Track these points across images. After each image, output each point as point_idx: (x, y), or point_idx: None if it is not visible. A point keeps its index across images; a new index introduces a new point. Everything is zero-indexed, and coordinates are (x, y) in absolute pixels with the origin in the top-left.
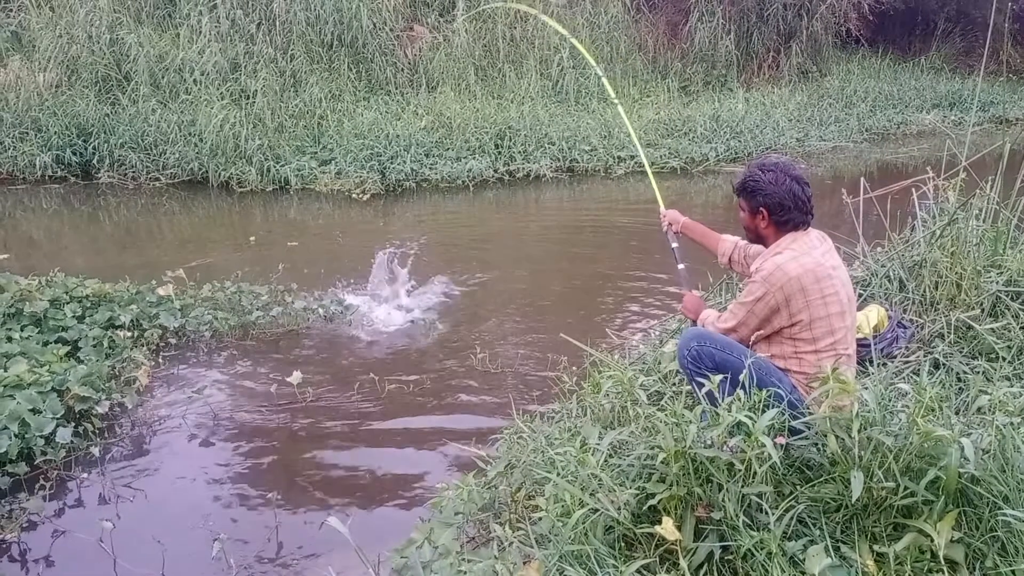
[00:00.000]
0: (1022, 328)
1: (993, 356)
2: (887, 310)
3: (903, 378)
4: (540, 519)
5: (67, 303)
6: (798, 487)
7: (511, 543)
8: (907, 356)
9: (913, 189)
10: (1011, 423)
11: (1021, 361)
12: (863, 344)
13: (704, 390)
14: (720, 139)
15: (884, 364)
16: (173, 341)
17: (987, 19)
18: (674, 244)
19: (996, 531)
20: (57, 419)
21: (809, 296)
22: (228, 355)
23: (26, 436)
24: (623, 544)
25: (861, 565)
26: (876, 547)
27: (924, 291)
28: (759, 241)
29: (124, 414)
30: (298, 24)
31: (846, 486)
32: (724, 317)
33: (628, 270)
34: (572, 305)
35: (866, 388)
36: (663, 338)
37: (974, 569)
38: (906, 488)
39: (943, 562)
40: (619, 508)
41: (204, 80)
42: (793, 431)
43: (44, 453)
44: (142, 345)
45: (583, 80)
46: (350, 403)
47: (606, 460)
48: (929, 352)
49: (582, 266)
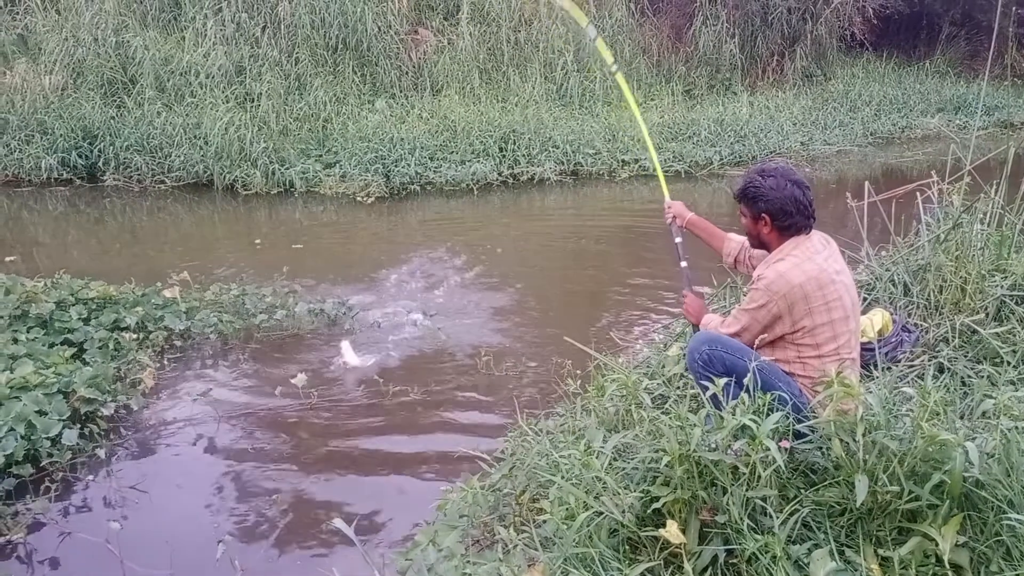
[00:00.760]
0: None
1: (998, 360)
2: (891, 314)
3: (907, 382)
4: (544, 522)
5: (73, 305)
6: (803, 491)
7: (516, 546)
8: (911, 360)
9: (917, 193)
10: (1016, 427)
11: None
12: (867, 348)
13: (708, 393)
14: (724, 143)
15: (888, 368)
16: (178, 343)
17: (992, 23)
18: (677, 239)
19: (1001, 535)
20: (63, 421)
21: (812, 303)
22: (233, 357)
23: (32, 438)
24: (627, 547)
25: (866, 569)
26: (881, 551)
27: (928, 295)
28: (761, 247)
29: (129, 416)
30: (303, 27)
31: (851, 490)
32: (727, 323)
33: (632, 273)
34: (576, 308)
35: (870, 392)
36: (667, 341)
37: (979, 573)
38: (911, 492)
39: (948, 566)
40: (623, 511)
41: (209, 83)
42: (798, 435)
43: (50, 455)
44: (147, 347)
45: (587, 83)
46: (354, 406)
47: (610, 463)
48: (934, 356)
49: (586, 269)
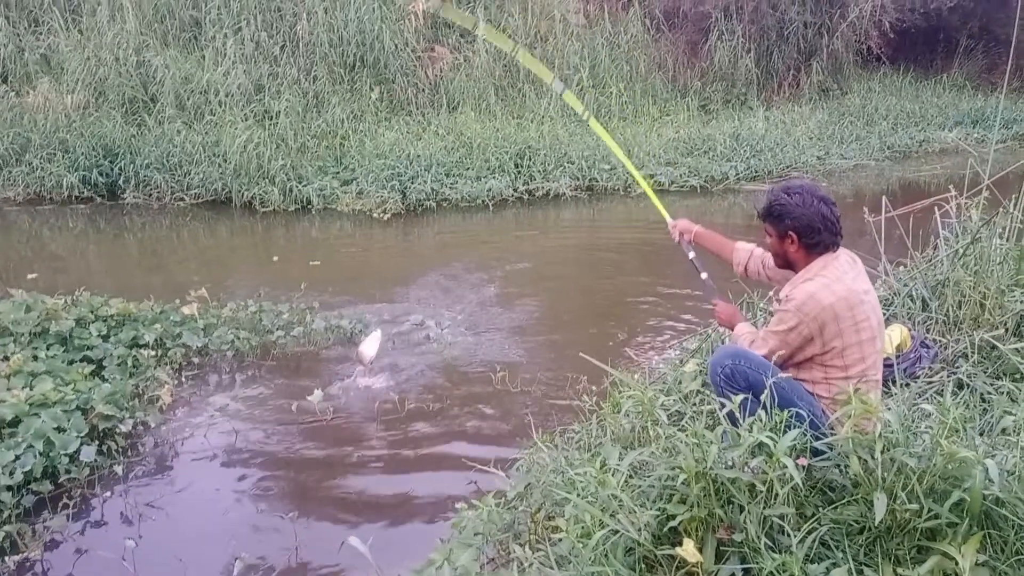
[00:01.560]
0: None
1: (1018, 376)
2: (910, 329)
3: (926, 398)
4: (560, 540)
5: (92, 322)
6: (821, 509)
7: (531, 564)
8: (930, 376)
9: (935, 208)
10: None
11: None
12: (886, 364)
13: (725, 410)
14: (740, 157)
15: (907, 384)
16: (196, 360)
17: (1010, 36)
18: (691, 254)
19: (1022, 554)
20: (81, 437)
21: (842, 324)
22: (249, 374)
23: (51, 454)
24: (643, 566)
25: None
26: (900, 570)
27: (947, 310)
28: (788, 266)
29: (147, 433)
30: (321, 46)
31: (869, 508)
32: (756, 344)
33: (648, 288)
34: (592, 324)
35: (889, 409)
36: (683, 357)
37: None
38: (930, 510)
39: None
40: (639, 529)
41: (229, 101)
42: (817, 452)
43: (68, 471)
44: (165, 364)
45: (602, 99)
46: (371, 423)
47: (626, 481)
48: (953, 372)
49: (601, 284)
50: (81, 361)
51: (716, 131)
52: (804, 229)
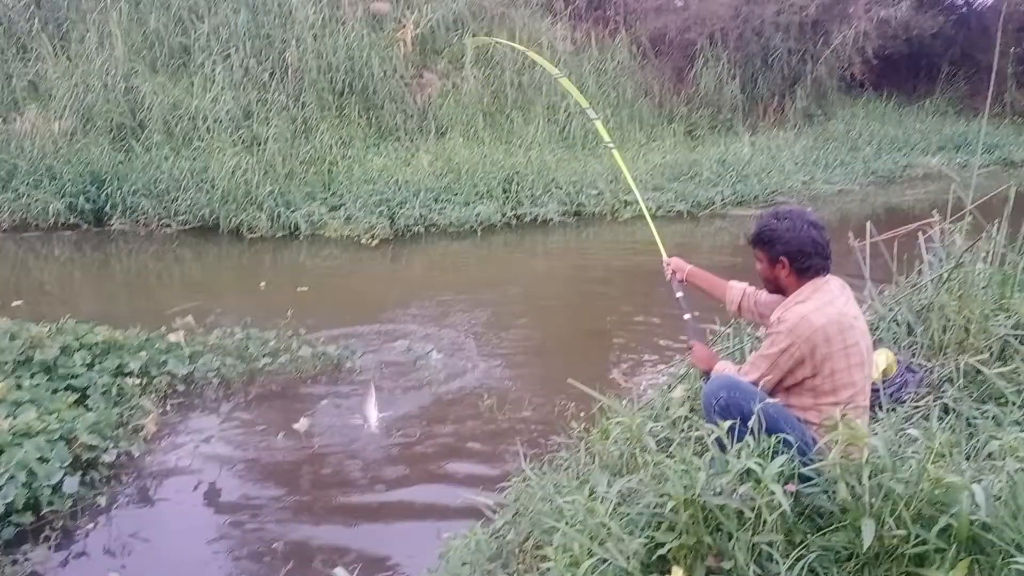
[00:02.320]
0: None
1: (1003, 400)
2: (895, 354)
3: (913, 423)
4: (548, 569)
5: (77, 350)
6: (809, 535)
7: None
8: (916, 401)
9: (920, 232)
10: (1022, 469)
11: None
12: (872, 389)
13: (712, 437)
14: (726, 183)
15: (893, 409)
16: (181, 388)
17: (991, 62)
18: (679, 293)
19: None
20: (64, 468)
21: (833, 347)
22: (235, 402)
23: (33, 485)
24: None
25: None
26: None
27: (932, 335)
28: (779, 291)
29: (131, 462)
30: (310, 72)
31: (857, 534)
32: (745, 370)
33: (635, 314)
34: (580, 349)
35: (875, 434)
36: (671, 383)
37: None
38: (918, 536)
39: None
40: (628, 558)
41: (217, 127)
42: (805, 479)
43: (51, 503)
44: (150, 392)
45: (589, 125)
46: (357, 450)
47: (615, 508)
48: (939, 397)
49: (589, 310)
50: (65, 390)
51: (702, 156)
52: (795, 254)
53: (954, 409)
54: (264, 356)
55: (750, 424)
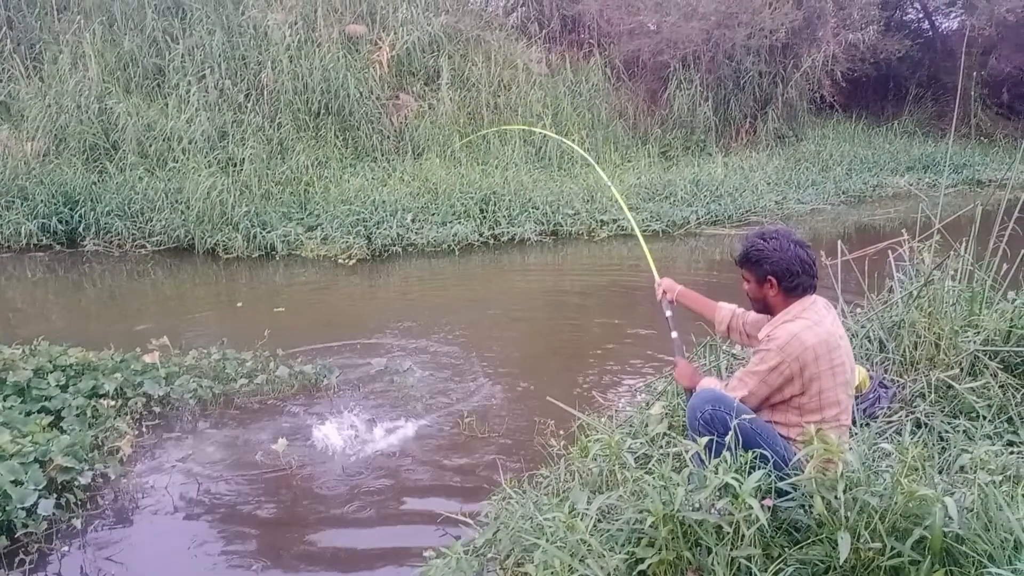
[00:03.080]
0: (1001, 387)
1: (973, 415)
2: (868, 370)
3: (886, 438)
4: None
5: (51, 372)
6: (786, 549)
7: None
8: (889, 416)
9: (889, 251)
10: (993, 481)
11: (1001, 420)
12: None
13: (691, 453)
14: (700, 202)
15: (867, 424)
16: (157, 409)
17: (957, 84)
18: (668, 313)
19: None
20: (39, 490)
21: (821, 366)
22: (212, 423)
23: (7, 508)
24: None
25: None
26: None
27: (904, 351)
28: (766, 311)
29: (107, 485)
30: (286, 93)
31: (834, 547)
32: (733, 386)
33: (613, 332)
34: (558, 368)
35: (850, 449)
36: (650, 400)
37: None
38: (893, 548)
39: None
40: (609, 574)
41: (192, 148)
42: (783, 493)
43: (25, 525)
44: (126, 414)
45: (564, 146)
46: (336, 470)
47: (595, 525)
48: (911, 412)
49: (567, 328)
50: (39, 412)
51: (676, 177)
52: (783, 273)
53: (926, 423)
54: (241, 377)
55: (727, 440)
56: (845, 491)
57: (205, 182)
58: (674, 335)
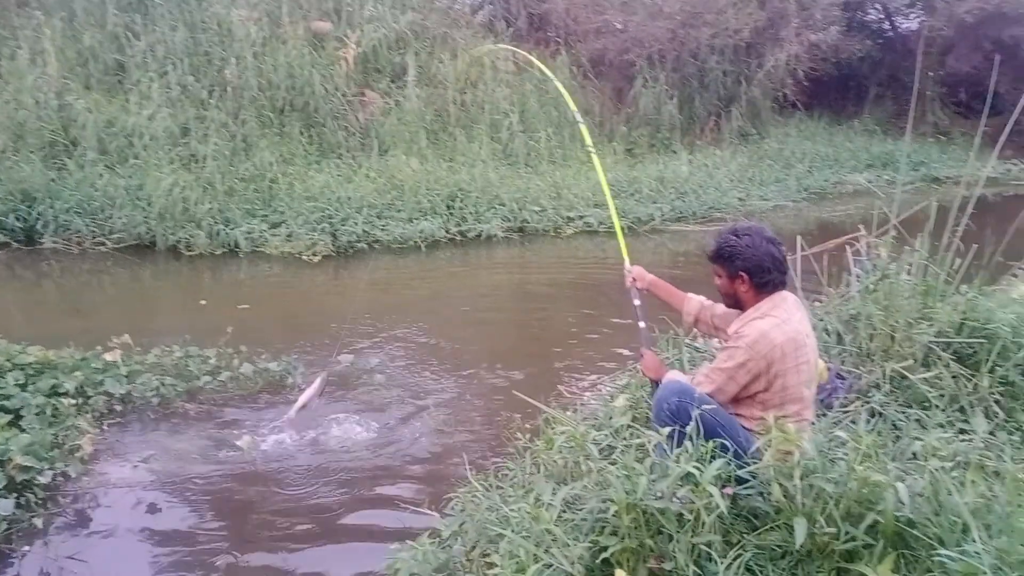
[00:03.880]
0: (953, 377)
1: (926, 404)
2: (826, 362)
3: (842, 427)
4: None
5: (9, 371)
6: (745, 535)
7: None
8: (845, 406)
9: (847, 246)
10: (943, 468)
11: (953, 409)
12: None
13: (653, 443)
14: (665, 199)
15: (824, 414)
16: (119, 408)
17: (916, 84)
18: (637, 302)
19: (932, 571)
20: None
21: (787, 364)
22: (175, 421)
23: None
24: None
25: None
26: None
27: (860, 343)
28: (737, 306)
29: (68, 484)
30: (250, 89)
31: (791, 533)
32: (699, 381)
33: (579, 326)
34: (525, 362)
35: (807, 439)
36: (614, 393)
37: None
38: (847, 533)
39: None
40: (573, 562)
41: (153, 145)
42: (741, 482)
43: None
44: (87, 413)
45: (532, 143)
46: (300, 466)
47: (559, 515)
48: (866, 402)
49: (534, 323)
50: None
51: (642, 174)
52: (755, 269)
53: (881, 413)
54: (205, 374)
55: (687, 430)
56: (802, 478)
57: (167, 179)
58: (642, 325)
